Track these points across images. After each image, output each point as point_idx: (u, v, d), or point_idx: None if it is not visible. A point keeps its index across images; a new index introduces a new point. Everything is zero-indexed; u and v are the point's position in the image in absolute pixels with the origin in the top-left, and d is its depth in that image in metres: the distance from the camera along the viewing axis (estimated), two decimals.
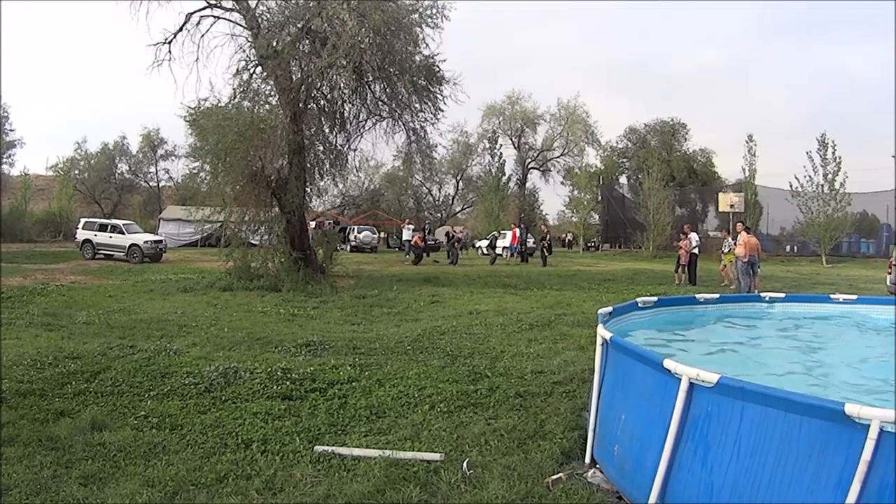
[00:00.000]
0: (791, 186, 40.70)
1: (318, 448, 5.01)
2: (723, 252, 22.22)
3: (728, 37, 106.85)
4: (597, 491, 4.48)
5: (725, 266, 21.55)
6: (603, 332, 5.01)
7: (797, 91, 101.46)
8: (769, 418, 3.59)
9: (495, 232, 38.19)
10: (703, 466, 3.83)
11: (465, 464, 4.77)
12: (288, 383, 6.85)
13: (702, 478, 3.82)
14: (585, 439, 5.11)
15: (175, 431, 5.34)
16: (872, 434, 3.12)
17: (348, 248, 38.08)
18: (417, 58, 19.13)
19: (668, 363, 4.05)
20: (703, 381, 3.82)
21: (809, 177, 39.71)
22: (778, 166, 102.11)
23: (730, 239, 22.30)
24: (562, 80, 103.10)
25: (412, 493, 4.22)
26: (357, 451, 4.94)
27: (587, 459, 4.97)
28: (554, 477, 4.64)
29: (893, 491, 3.12)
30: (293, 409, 6.07)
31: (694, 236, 21.77)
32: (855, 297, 8.58)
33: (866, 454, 3.13)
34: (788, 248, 45.22)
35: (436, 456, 4.86)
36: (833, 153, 39.09)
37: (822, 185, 39.27)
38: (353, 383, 7.03)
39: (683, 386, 3.90)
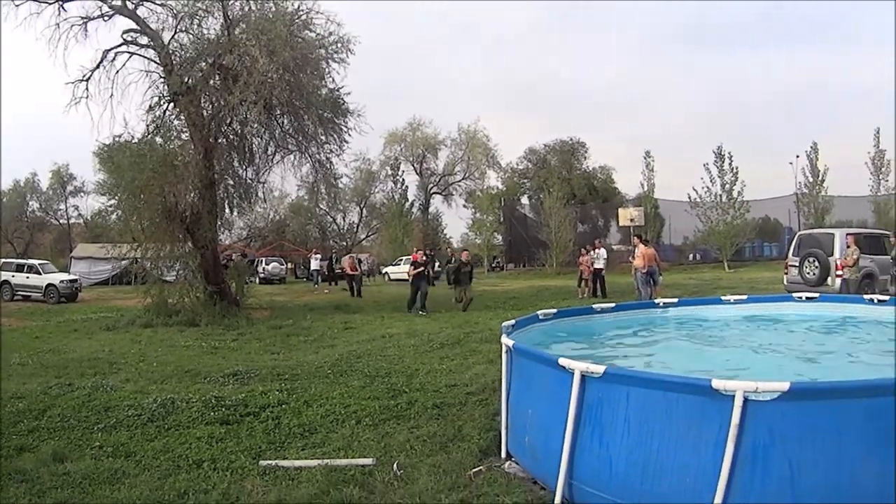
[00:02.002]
0: (689, 198, 41.92)
1: (263, 462, 5.45)
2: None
3: (625, 52, 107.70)
4: (514, 478, 4.96)
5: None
6: (506, 341, 5.55)
7: (699, 103, 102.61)
8: (651, 398, 4.12)
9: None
10: (600, 445, 4.31)
11: (395, 464, 5.24)
12: (223, 409, 7.20)
13: (600, 454, 4.30)
14: (500, 438, 5.59)
15: (130, 458, 5.70)
16: (738, 402, 3.69)
17: (257, 280, 37.39)
18: (323, 91, 19.73)
19: (562, 360, 4.58)
20: (592, 373, 4.33)
21: (707, 187, 40.95)
22: (682, 178, 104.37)
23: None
24: (463, 103, 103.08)
25: (353, 492, 4.70)
26: (298, 463, 5.39)
27: (503, 454, 5.44)
28: (475, 470, 5.10)
29: (763, 449, 3.71)
30: (233, 432, 6.46)
31: (602, 252, 22.67)
32: (745, 297, 9.27)
33: (735, 419, 3.69)
34: (691, 256, 46.49)
35: (368, 461, 5.35)
36: (730, 164, 40.40)
37: (721, 195, 40.46)
38: (283, 406, 7.40)
39: (576, 378, 4.38)
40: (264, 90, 17.06)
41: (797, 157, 43.19)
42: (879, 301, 8.44)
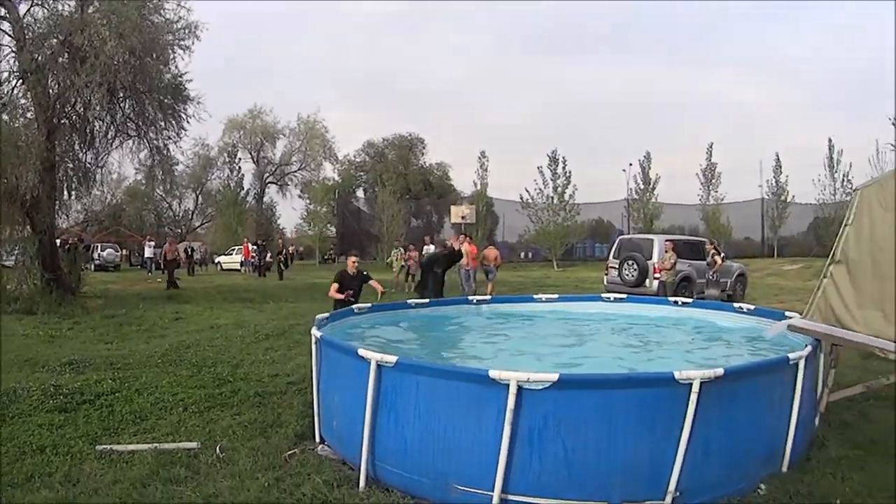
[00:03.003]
0: (521, 198, 43.18)
1: (99, 447, 5.84)
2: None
3: (472, 53, 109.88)
4: (325, 459, 5.38)
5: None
6: (315, 332, 5.85)
7: (544, 106, 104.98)
8: (437, 386, 4.47)
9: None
10: (396, 426, 4.65)
11: (218, 448, 5.66)
12: (61, 398, 7.42)
13: (396, 434, 4.65)
14: (314, 424, 5.96)
15: None
16: (512, 390, 4.04)
17: (92, 266, 35.28)
18: (167, 77, 19.46)
19: (360, 351, 4.82)
20: (386, 363, 4.62)
21: (540, 189, 42.39)
22: (520, 178, 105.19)
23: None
24: (306, 93, 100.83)
25: (180, 472, 5.17)
26: (130, 447, 5.79)
27: (317, 438, 5.81)
28: (290, 452, 5.53)
29: (539, 432, 4.08)
30: (71, 419, 6.77)
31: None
32: (556, 295, 9.67)
33: (510, 404, 4.05)
34: (523, 254, 47.60)
35: (193, 444, 5.79)
36: (563, 168, 41.95)
37: (552, 197, 41.96)
38: (116, 394, 7.63)
39: (373, 367, 4.66)
40: (109, 73, 16.64)
41: (630, 164, 46.28)
42: (683, 303, 9.00)
